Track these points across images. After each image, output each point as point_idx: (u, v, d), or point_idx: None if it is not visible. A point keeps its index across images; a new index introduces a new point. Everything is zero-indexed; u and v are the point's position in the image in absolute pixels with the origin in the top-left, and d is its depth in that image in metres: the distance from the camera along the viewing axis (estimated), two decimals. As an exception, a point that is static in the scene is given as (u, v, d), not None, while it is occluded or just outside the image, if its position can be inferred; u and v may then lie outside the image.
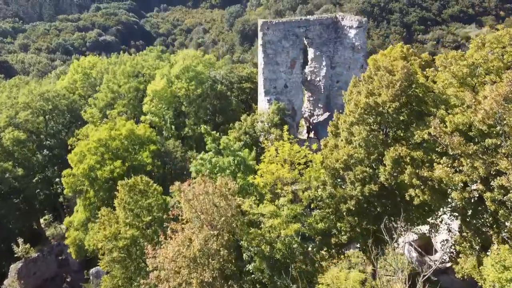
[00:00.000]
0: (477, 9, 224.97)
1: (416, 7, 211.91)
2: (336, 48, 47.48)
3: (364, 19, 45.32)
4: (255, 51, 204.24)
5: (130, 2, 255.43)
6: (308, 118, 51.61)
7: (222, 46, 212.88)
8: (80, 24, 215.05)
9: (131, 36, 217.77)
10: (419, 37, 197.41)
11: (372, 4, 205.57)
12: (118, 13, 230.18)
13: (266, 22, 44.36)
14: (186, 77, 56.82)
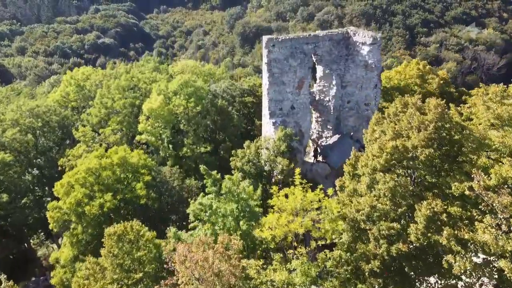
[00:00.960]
0: (480, 11, 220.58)
1: (419, 9, 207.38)
2: (347, 66, 43.19)
3: (378, 35, 41.04)
4: (255, 54, 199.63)
5: (130, 4, 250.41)
6: (316, 140, 47.36)
7: (223, 48, 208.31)
8: (78, 26, 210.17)
9: (131, 38, 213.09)
10: (422, 40, 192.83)
11: (374, 6, 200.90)
12: (117, 15, 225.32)
13: (272, 39, 40.07)
14: (185, 93, 52.62)
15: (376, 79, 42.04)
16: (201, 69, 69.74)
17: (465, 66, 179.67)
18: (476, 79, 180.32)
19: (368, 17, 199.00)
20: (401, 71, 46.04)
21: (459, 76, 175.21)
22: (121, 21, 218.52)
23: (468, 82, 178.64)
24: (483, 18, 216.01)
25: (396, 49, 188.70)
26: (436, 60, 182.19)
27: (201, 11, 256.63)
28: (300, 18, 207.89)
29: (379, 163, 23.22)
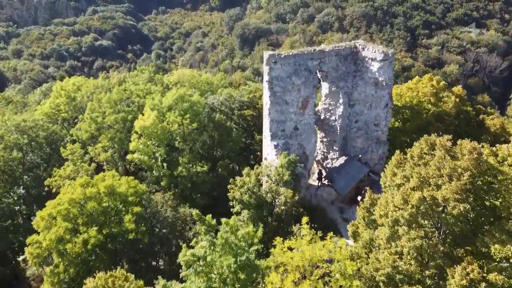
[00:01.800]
0: (481, 12, 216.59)
1: (420, 11, 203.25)
2: (355, 83, 39.39)
3: (390, 51, 37.21)
4: (255, 56, 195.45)
5: (128, 5, 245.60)
6: (320, 161, 43.59)
7: (222, 50, 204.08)
8: (76, 28, 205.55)
9: (129, 40, 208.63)
10: (423, 42, 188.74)
11: (375, 8, 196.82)
12: (115, 17, 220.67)
13: (273, 55, 36.24)
14: (180, 109, 48.79)
15: (387, 98, 38.25)
16: (198, 79, 65.90)
17: (467, 69, 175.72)
18: (478, 82, 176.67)
19: (369, 18, 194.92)
20: (413, 88, 42.25)
21: (461, 79, 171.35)
22: (119, 22, 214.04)
23: (470, 85, 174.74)
24: (484, 19, 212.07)
25: (397, 51, 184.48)
26: (438, 63, 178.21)
27: (200, 12, 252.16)
28: (300, 20, 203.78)
29: (403, 217, 19.44)
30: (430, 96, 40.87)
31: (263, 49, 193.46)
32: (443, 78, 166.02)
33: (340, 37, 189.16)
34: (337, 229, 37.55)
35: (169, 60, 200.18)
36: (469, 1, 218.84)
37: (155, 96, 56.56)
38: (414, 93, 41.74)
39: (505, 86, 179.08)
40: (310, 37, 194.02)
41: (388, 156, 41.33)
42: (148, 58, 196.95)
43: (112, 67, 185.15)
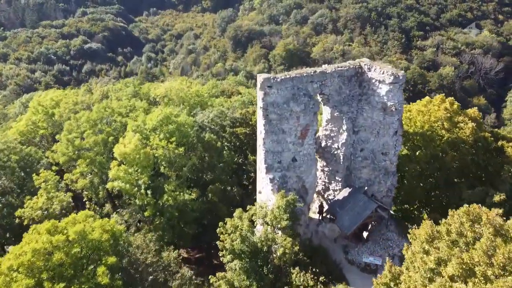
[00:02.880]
0: (475, 13, 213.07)
1: (414, 11, 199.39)
2: (360, 108, 34.63)
3: (400, 72, 32.44)
4: (248, 58, 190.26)
5: (118, 6, 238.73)
6: (321, 192, 38.84)
7: (214, 53, 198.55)
8: (64, 30, 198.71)
9: (119, 42, 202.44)
10: (418, 44, 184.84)
11: (369, 9, 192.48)
12: (105, 19, 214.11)
13: (269, 79, 31.33)
14: (165, 131, 43.74)
15: (396, 125, 33.53)
16: (187, 92, 60.77)
17: (462, 71, 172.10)
18: (473, 84, 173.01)
19: (363, 20, 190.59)
20: (424, 111, 37.57)
21: (457, 81, 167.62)
22: (109, 24, 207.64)
23: (465, 87, 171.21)
24: (478, 20, 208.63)
25: (392, 53, 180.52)
26: (433, 65, 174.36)
27: (192, 13, 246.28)
28: (293, 21, 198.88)
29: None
30: (444, 120, 36.28)
31: (256, 51, 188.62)
32: (439, 80, 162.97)
33: (334, 39, 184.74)
34: (342, 274, 32.90)
35: (160, 63, 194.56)
36: (463, 1, 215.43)
37: (138, 114, 51.60)
38: (425, 117, 37.10)
39: (500, 88, 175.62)
40: (304, 39, 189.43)
41: (397, 187, 36.74)
42: (139, 61, 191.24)
43: (102, 70, 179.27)
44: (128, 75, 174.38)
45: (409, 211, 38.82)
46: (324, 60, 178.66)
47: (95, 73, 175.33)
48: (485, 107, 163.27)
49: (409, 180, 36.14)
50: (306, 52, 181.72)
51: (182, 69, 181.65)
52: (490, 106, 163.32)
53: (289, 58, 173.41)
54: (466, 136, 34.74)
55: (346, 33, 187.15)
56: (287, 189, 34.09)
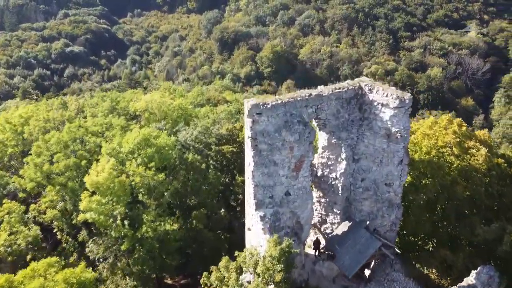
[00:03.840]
0: (461, 13, 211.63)
1: (401, 12, 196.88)
2: (361, 134, 30.50)
3: (407, 95, 28.36)
4: (235, 60, 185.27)
5: (101, 8, 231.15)
6: (317, 225, 34.66)
7: (200, 55, 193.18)
8: (45, 33, 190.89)
9: (102, 45, 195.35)
10: (405, 44, 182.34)
11: (356, 10, 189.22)
12: (88, 20, 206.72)
13: (258, 106, 26.95)
14: (143, 156, 39.10)
15: (401, 153, 29.49)
16: (170, 106, 56.05)
17: (450, 72, 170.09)
18: (461, 85, 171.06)
19: (350, 21, 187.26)
20: (431, 134, 33.66)
21: (445, 82, 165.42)
22: (91, 27, 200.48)
23: (453, 88, 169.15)
24: (464, 20, 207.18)
25: (380, 54, 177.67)
26: (421, 66, 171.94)
27: (177, 14, 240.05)
28: (280, 23, 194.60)
29: None
30: (453, 146, 32.47)
31: (242, 53, 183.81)
32: (427, 82, 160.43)
33: (321, 40, 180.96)
34: (343, 323, 28.84)
35: (145, 66, 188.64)
36: (449, 2, 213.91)
37: (115, 133, 46.84)
38: (432, 141, 33.21)
39: (487, 88, 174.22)
40: (291, 40, 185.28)
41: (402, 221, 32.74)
42: (123, 64, 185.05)
43: (85, 74, 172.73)
44: (112, 79, 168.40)
45: (414, 244, 34.96)
46: (312, 62, 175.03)
47: (77, 77, 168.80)
48: (473, 108, 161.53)
49: (415, 212, 32.20)
50: (294, 54, 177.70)
51: (168, 72, 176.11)
52: (478, 107, 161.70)
53: (277, 60, 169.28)
54: (478, 164, 31.02)
55: (334, 34, 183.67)
56: (280, 227, 29.88)
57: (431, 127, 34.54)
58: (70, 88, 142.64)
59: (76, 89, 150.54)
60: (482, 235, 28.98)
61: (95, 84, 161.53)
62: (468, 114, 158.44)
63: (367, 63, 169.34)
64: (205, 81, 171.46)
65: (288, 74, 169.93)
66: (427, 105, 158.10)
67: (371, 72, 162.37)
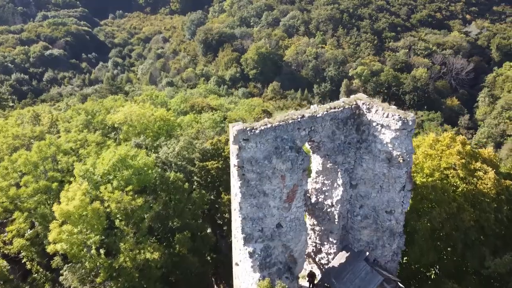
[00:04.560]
0: (444, 13, 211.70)
1: (385, 12, 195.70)
2: (359, 157, 27.45)
3: (410, 116, 25.37)
4: (219, 62, 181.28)
5: (82, 9, 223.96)
6: (311, 255, 31.52)
7: (184, 57, 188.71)
8: (23, 36, 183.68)
9: (83, 48, 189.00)
10: (390, 45, 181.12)
11: (341, 11, 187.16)
12: (68, 23, 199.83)
13: (244, 131, 23.60)
14: (120, 179, 35.41)
15: (404, 178, 26.52)
16: (150, 119, 52.29)
17: (434, 71, 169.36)
18: (445, 84, 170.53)
19: (335, 21, 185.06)
20: (433, 154, 30.79)
21: (430, 82, 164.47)
22: (71, 29, 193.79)
23: (438, 88, 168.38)
24: (447, 20, 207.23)
25: (365, 55, 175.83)
26: (406, 66, 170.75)
27: (160, 16, 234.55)
28: (265, 24, 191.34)
29: None
30: (459, 168, 29.72)
31: (227, 55, 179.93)
32: (413, 82, 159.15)
33: (306, 41, 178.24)
34: None
35: (128, 69, 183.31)
36: (431, 2, 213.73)
37: (89, 150, 42.97)
38: (435, 162, 30.39)
39: (471, 88, 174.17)
40: (276, 42, 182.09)
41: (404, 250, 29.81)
42: (105, 68, 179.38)
43: (65, 78, 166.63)
44: (93, 82, 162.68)
45: (417, 273, 32.14)
46: (297, 63, 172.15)
47: (57, 81, 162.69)
48: (458, 108, 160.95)
49: (418, 240, 29.31)
50: (279, 55, 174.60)
51: (151, 75, 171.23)
52: (463, 107, 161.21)
53: (262, 62, 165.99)
54: (487, 188, 28.35)
55: (319, 35, 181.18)
56: (271, 263, 26.67)
57: (433, 145, 31.75)
58: (49, 94, 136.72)
59: (56, 95, 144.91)
60: (493, 267, 26.36)
61: (76, 88, 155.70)
62: (453, 114, 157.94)
63: (353, 64, 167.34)
64: (189, 83, 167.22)
65: (273, 76, 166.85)
66: (413, 105, 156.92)
67: (356, 73, 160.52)
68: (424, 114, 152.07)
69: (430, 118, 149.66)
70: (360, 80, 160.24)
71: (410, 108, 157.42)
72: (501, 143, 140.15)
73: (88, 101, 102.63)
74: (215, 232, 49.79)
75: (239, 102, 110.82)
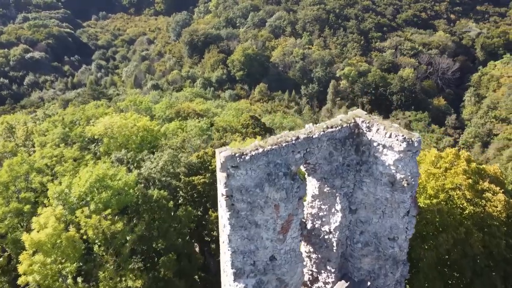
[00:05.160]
0: (429, 13, 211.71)
1: (371, 13, 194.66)
2: (359, 180, 24.95)
3: (415, 136, 22.89)
4: (205, 64, 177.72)
5: (64, 11, 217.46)
6: (308, 284, 28.93)
7: (169, 59, 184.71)
8: (2, 38, 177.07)
9: (65, 50, 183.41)
10: (377, 45, 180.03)
11: (327, 11, 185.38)
12: (49, 24, 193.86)
13: (233, 157, 20.85)
14: (97, 201, 32.34)
15: (408, 203, 24.09)
16: (132, 130, 49.14)
17: (421, 71, 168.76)
18: (431, 85, 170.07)
19: (321, 22, 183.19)
20: (437, 174, 28.42)
21: (417, 82, 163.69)
22: (53, 31, 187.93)
23: (425, 88, 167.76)
24: (432, 20, 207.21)
25: (352, 55, 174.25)
26: (393, 66, 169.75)
27: (145, 17, 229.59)
28: (251, 24, 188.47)
29: None
30: (465, 189, 27.49)
31: (213, 56, 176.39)
32: (400, 83, 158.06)
33: (293, 42, 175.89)
34: None
35: (112, 72, 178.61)
36: (416, 2, 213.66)
37: (67, 167, 39.77)
38: (439, 182, 28.10)
39: (457, 87, 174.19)
40: (263, 43, 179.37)
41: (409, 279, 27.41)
42: (88, 70, 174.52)
43: (46, 82, 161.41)
44: (76, 86, 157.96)
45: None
46: (284, 64, 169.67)
47: (38, 85, 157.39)
48: (445, 108, 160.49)
49: (423, 268, 27.02)
50: (266, 56, 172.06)
51: (135, 78, 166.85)
52: (450, 106, 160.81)
53: (248, 63, 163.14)
54: (497, 211, 26.19)
55: (305, 35, 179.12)
56: (265, 299, 23.96)
57: (435, 162, 29.46)
58: (29, 99, 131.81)
59: (37, 99, 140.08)
60: (506, 298, 24.30)
61: (58, 92, 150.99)
62: (440, 114, 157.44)
63: (340, 64, 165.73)
64: (175, 86, 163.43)
65: (260, 77, 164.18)
66: (400, 106, 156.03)
67: (344, 73, 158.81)
68: (411, 115, 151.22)
69: (418, 119, 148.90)
70: (347, 81, 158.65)
71: (397, 109, 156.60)
72: (488, 143, 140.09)
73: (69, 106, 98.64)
74: (203, 251, 47.07)
75: (226, 106, 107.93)
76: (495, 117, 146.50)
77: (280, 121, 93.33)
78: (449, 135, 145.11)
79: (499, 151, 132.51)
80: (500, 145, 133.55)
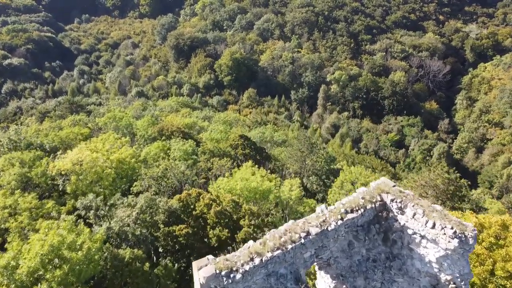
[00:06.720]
0: (418, 14, 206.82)
1: (361, 15, 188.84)
2: (388, 279, 18.41)
3: (470, 228, 16.40)
4: (192, 69, 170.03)
5: (45, 14, 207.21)
6: None
7: (155, 63, 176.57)
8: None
9: (46, 56, 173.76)
10: (367, 48, 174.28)
11: (316, 13, 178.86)
12: (29, 29, 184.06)
13: (218, 278, 14.00)
14: (51, 280, 25.31)
15: (455, 310, 17.63)
16: (105, 164, 41.95)
17: (412, 75, 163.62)
18: (423, 87, 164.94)
19: (310, 25, 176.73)
20: (483, 255, 21.78)
21: (409, 86, 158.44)
22: (33, 35, 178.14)
23: (416, 91, 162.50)
24: (421, 21, 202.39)
25: (342, 58, 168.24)
26: (384, 70, 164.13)
27: (129, 20, 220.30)
28: (238, 27, 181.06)
29: None
30: None
31: (200, 61, 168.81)
32: (391, 87, 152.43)
33: (282, 46, 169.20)
34: None
35: (95, 78, 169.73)
36: (405, 3, 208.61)
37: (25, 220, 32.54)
38: (486, 267, 21.65)
39: (448, 90, 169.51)
40: (251, 46, 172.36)
41: None
42: (70, 77, 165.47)
43: (26, 90, 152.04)
44: (57, 93, 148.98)
45: None
46: (273, 69, 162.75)
47: (17, 93, 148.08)
48: (438, 112, 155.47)
49: None
50: (254, 61, 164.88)
51: (120, 84, 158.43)
52: (442, 110, 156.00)
53: (236, 68, 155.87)
54: None
55: (294, 38, 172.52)
56: None
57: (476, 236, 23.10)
58: (6, 110, 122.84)
59: (15, 109, 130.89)
60: None
61: (38, 101, 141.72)
62: (432, 118, 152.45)
63: (330, 68, 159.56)
64: (160, 92, 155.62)
65: (249, 82, 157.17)
66: (392, 110, 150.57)
67: (334, 78, 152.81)
68: (404, 120, 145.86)
69: (410, 124, 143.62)
70: (338, 85, 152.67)
71: (389, 113, 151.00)
72: (482, 148, 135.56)
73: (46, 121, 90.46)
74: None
75: (213, 117, 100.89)
76: (488, 121, 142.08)
77: (271, 134, 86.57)
78: (442, 140, 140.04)
79: (494, 157, 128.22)
80: (494, 150, 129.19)
